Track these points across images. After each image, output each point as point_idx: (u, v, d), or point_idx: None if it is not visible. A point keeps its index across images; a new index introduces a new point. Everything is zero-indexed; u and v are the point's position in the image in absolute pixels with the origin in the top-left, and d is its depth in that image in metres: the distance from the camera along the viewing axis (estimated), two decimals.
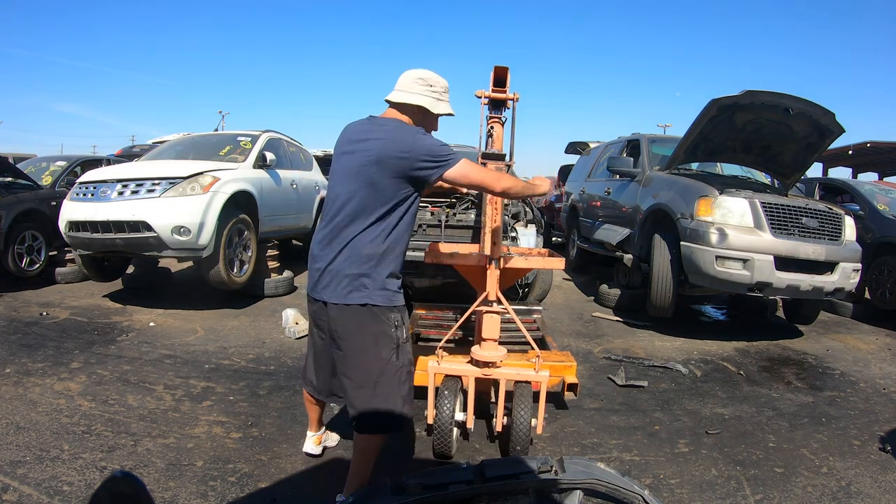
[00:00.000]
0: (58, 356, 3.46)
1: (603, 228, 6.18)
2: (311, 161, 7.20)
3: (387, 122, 1.90)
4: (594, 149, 7.84)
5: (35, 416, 2.60)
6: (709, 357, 4.08)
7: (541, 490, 1.15)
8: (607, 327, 4.85)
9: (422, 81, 1.94)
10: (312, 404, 2.23)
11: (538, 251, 3.24)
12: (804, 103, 4.31)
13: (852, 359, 4.25)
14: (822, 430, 2.88)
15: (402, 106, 1.94)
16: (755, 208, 4.21)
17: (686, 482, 2.28)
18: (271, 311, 4.75)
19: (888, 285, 5.36)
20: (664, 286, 4.55)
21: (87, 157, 7.12)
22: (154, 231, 4.21)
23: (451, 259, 2.50)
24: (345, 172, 1.85)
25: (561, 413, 2.93)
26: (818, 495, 2.23)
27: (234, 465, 2.25)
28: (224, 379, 3.20)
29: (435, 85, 1.95)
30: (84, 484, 2.05)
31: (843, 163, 12.32)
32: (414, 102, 1.92)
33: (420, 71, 1.96)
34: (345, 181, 1.84)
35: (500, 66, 2.73)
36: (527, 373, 2.39)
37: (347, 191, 1.82)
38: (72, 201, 4.62)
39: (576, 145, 9.39)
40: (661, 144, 6.00)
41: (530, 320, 3.53)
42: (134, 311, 4.67)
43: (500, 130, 2.95)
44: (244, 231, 4.88)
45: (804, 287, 4.19)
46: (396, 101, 1.93)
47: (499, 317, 2.40)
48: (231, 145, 5.58)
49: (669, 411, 3.04)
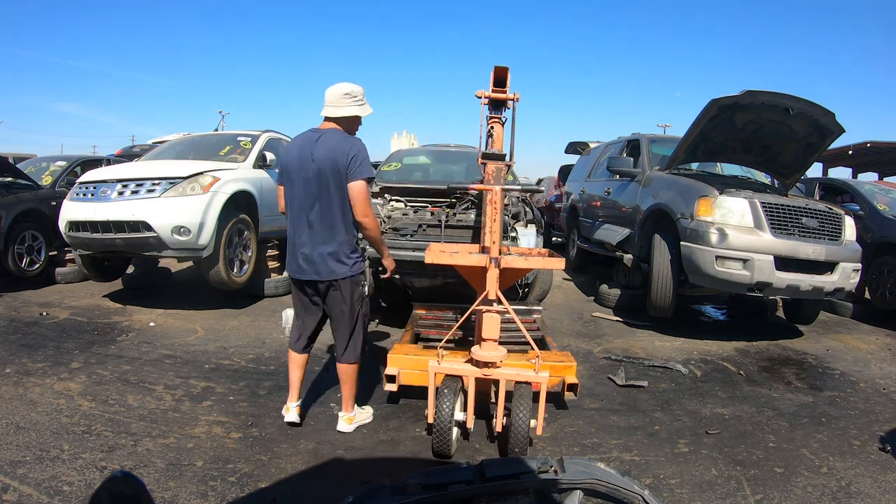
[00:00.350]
0: (58, 356, 3.47)
1: (603, 228, 6.18)
2: None
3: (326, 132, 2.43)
4: (594, 149, 7.84)
5: (35, 416, 2.60)
6: (709, 357, 4.08)
7: (541, 490, 1.14)
8: (607, 327, 4.85)
9: (348, 96, 2.41)
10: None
11: (538, 251, 3.24)
12: (804, 103, 4.31)
13: (852, 359, 4.25)
14: (822, 430, 2.88)
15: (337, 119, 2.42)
16: (755, 208, 4.21)
17: (686, 482, 2.28)
18: (271, 311, 4.76)
19: (888, 285, 5.36)
20: (664, 286, 4.55)
21: (87, 157, 7.12)
22: (154, 231, 4.21)
23: (451, 259, 2.51)
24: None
25: (561, 413, 2.93)
26: (818, 495, 2.23)
27: (234, 465, 2.25)
28: (224, 379, 3.20)
29: (357, 95, 2.42)
30: (84, 484, 2.05)
31: (843, 163, 12.32)
32: (346, 115, 2.41)
33: (342, 86, 2.41)
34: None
35: (501, 67, 2.73)
36: (527, 373, 2.39)
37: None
38: (72, 201, 4.62)
39: (576, 145, 9.38)
40: (661, 144, 6.00)
41: (530, 320, 3.53)
42: (134, 311, 4.67)
43: (501, 130, 2.95)
44: (244, 231, 4.88)
45: (804, 287, 4.19)
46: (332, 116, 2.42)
47: (499, 317, 2.40)
48: (231, 145, 5.58)
49: (669, 411, 3.04)
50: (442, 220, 3.90)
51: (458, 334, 3.16)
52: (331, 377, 3.30)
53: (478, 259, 2.44)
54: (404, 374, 2.75)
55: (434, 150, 6.13)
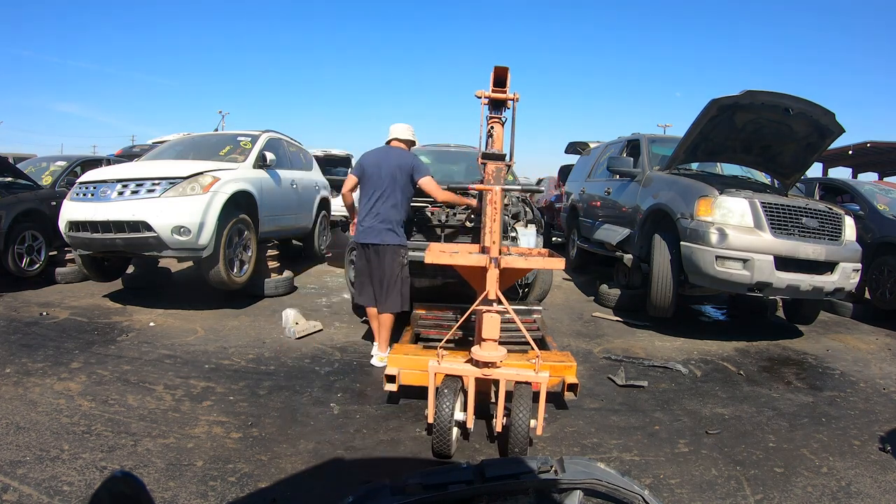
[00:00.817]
0: (58, 356, 3.47)
1: (603, 228, 6.18)
2: (312, 161, 7.20)
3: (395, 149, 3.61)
4: (594, 149, 7.84)
5: (35, 416, 2.60)
6: (709, 357, 4.08)
7: (541, 490, 1.15)
8: (607, 327, 4.85)
9: (409, 129, 3.65)
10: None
11: (538, 251, 3.24)
12: (804, 103, 4.31)
13: (852, 359, 4.25)
14: (822, 430, 2.88)
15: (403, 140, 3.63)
16: (755, 208, 4.21)
17: (686, 482, 2.28)
18: (271, 311, 4.76)
19: (888, 285, 5.36)
20: (664, 286, 4.55)
21: (87, 157, 7.12)
22: (154, 231, 4.21)
23: (451, 259, 2.51)
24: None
25: (561, 413, 2.93)
26: (818, 495, 2.23)
27: (234, 465, 2.25)
28: (224, 379, 3.20)
29: (412, 130, 3.67)
30: (84, 484, 2.05)
31: (843, 163, 12.33)
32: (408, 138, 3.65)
33: (404, 125, 3.65)
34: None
35: (501, 67, 2.73)
36: (527, 373, 2.39)
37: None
38: (72, 201, 4.62)
39: (576, 145, 9.38)
40: (661, 144, 6.00)
41: (530, 320, 3.53)
42: (134, 311, 4.67)
43: (501, 130, 2.95)
44: (244, 231, 4.88)
45: (804, 287, 4.19)
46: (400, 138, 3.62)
47: (499, 317, 2.40)
48: (231, 145, 5.58)
49: (669, 411, 3.04)
50: (442, 220, 3.90)
51: (458, 334, 3.16)
52: (330, 377, 3.31)
53: (478, 259, 2.44)
54: (404, 374, 2.75)
55: (434, 149, 6.13)
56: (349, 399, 3.00)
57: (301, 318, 4.23)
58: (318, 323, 4.27)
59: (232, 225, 4.64)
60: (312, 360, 3.60)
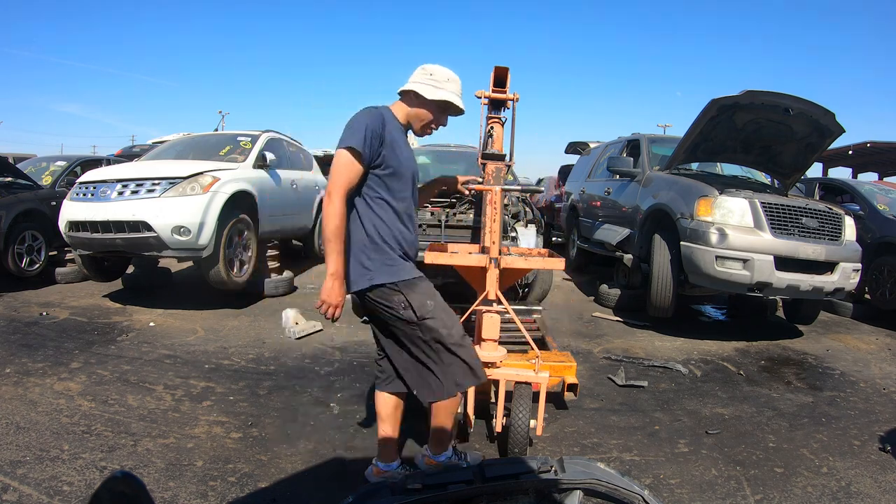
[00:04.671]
0: (58, 356, 3.47)
1: (603, 228, 6.18)
2: (311, 161, 7.20)
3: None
4: (594, 149, 7.84)
5: (35, 416, 2.60)
6: (709, 357, 4.08)
7: (541, 490, 1.14)
8: (607, 327, 4.85)
9: (424, 71, 1.96)
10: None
11: (538, 251, 3.24)
12: (804, 103, 4.31)
13: (852, 359, 4.25)
14: (822, 430, 2.88)
15: (402, 93, 1.99)
16: (755, 208, 4.21)
17: (686, 482, 2.28)
18: (271, 311, 4.75)
19: (888, 285, 5.36)
20: (664, 286, 4.55)
21: (87, 157, 7.12)
22: (154, 231, 4.21)
23: (451, 259, 2.50)
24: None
25: (561, 413, 2.93)
26: (818, 495, 2.23)
27: (234, 465, 2.25)
28: (224, 379, 3.20)
29: (435, 74, 1.94)
30: (84, 484, 2.05)
31: (843, 163, 12.33)
32: (408, 88, 1.95)
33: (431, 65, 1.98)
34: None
35: (500, 67, 2.73)
36: (526, 373, 2.38)
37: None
38: (72, 201, 4.62)
39: (576, 145, 9.38)
40: (661, 144, 6.00)
41: (530, 320, 3.53)
42: (134, 311, 4.67)
43: (500, 131, 2.95)
44: (244, 231, 4.88)
45: (804, 287, 4.19)
46: (399, 91, 2.00)
47: (499, 317, 2.40)
48: (231, 145, 5.57)
49: (669, 411, 3.04)
50: (442, 220, 3.90)
51: None
52: (330, 377, 3.31)
53: (478, 259, 2.44)
54: None
55: (434, 149, 6.13)
56: (349, 399, 2.99)
57: (301, 318, 4.23)
58: (318, 323, 4.27)
59: (232, 225, 4.64)
60: (312, 360, 3.60)
